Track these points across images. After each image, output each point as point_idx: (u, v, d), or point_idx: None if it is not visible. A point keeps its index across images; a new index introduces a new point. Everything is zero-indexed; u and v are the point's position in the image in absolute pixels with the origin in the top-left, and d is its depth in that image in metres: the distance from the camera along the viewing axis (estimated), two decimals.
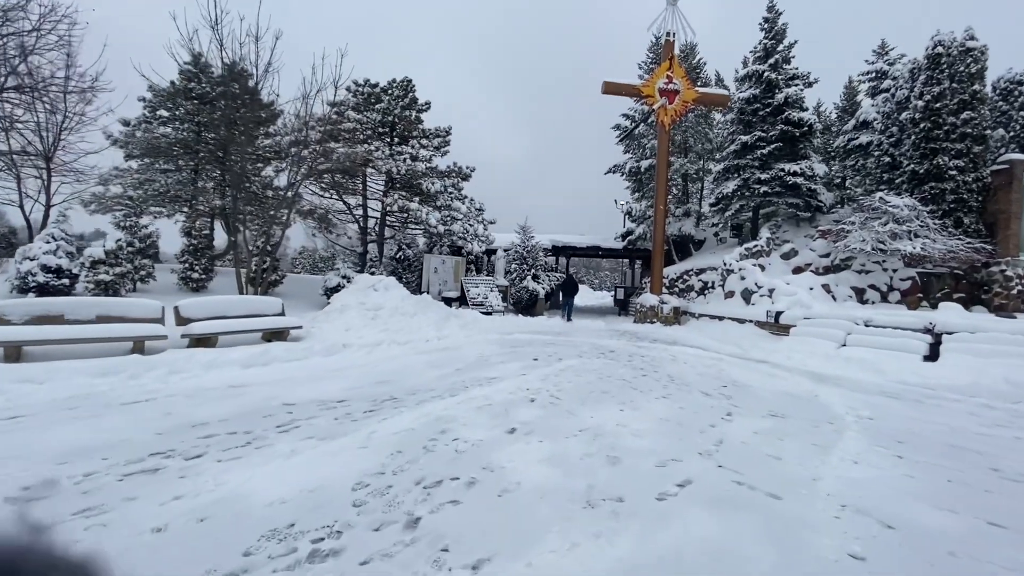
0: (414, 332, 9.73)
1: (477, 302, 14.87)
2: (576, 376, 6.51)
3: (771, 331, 11.12)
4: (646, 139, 21.33)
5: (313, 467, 3.10)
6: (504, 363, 7.39)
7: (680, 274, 18.43)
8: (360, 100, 18.13)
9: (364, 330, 8.80)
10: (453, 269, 16.44)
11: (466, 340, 10.01)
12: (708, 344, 10.72)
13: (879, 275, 13.39)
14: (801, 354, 8.70)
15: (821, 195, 16.06)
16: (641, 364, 7.80)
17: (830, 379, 7.19)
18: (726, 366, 7.96)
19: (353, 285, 10.25)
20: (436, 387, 5.54)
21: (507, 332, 11.57)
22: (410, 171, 15.26)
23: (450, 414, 4.38)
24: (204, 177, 17.84)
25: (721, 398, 5.60)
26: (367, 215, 19.00)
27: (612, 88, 15.95)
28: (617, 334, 12.60)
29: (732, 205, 17.20)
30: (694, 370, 7.43)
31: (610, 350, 9.38)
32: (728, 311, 12.98)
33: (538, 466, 3.23)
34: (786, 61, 17.19)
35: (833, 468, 3.45)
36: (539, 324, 14.13)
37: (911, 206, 12.82)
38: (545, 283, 18.64)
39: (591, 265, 72.91)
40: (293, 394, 4.95)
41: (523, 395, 5.26)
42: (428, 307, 11.45)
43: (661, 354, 9.07)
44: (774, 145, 16.03)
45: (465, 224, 16.40)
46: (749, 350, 9.73)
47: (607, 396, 5.40)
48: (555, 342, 10.32)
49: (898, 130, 15.40)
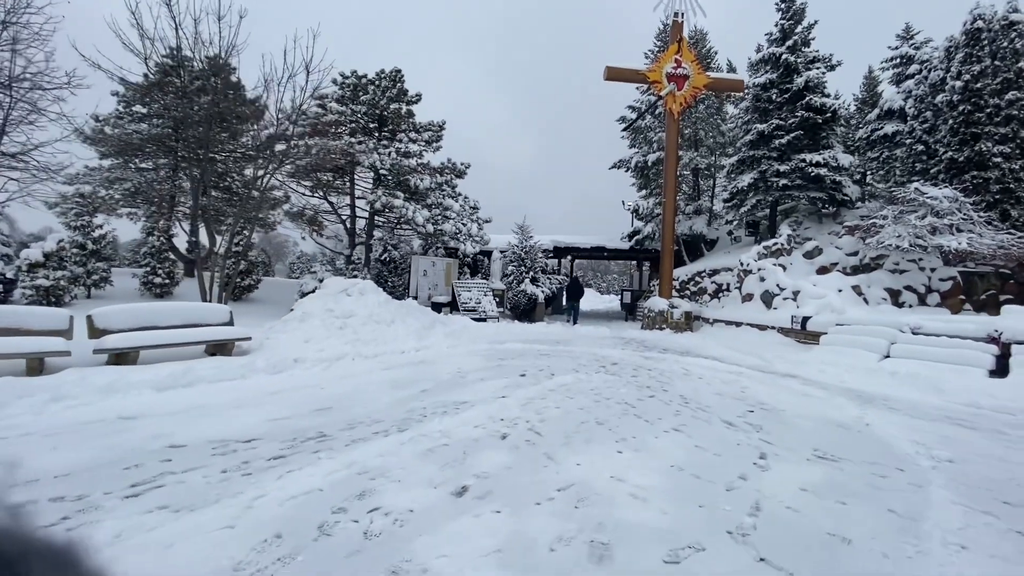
0: (389, 343, 8.65)
1: (469, 307, 13.78)
2: (567, 398, 5.39)
3: (797, 339, 9.92)
4: (653, 132, 20.19)
5: (131, 567, 2.02)
6: (484, 381, 6.28)
7: (692, 276, 17.23)
8: (347, 92, 17.18)
9: (328, 341, 7.74)
10: (444, 272, 15.37)
11: (449, 351, 8.91)
12: (725, 354, 9.54)
13: (915, 275, 12.14)
14: (836, 367, 7.51)
15: (846, 188, 14.84)
16: (648, 380, 6.66)
17: (878, 400, 6.00)
18: (749, 382, 6.80)
19: (322, 290, 9.21)
20: (386, 417, 4.45)
21: (499, 341, 10.47)
22: (396, 165, 14.22)
23: (384, 464, 3.28)
24: (183, 176, 17.00)
25: (749, 429, 4.45)
26: (355, 215, 18.02)
27: (615, 74, 14.85)
28: (622, 342, 11.45)
29: (748, 200, 16.00)
30: (711, 388, 6.27)
31: (612, 362, 8.25)
32: (746, 316, 11.78)
33: (483, 568, 2.12)
34: (805, 44, 16.02)
35: (937, 562, 2.30)
36: (537, 331, 13.01)
37: (952, 197, 11.58)
38: (545, 286, 17.52)
39: (599, 268, 71.61)
40: (192, 430, 3.87)
41: (494, 428, 4.15)
42: (409, 314, 10.38)
43: (671, 367, 7.92)
44: (794, 134, 14.84)
45: (458, 223, 15.34)
46: (773, 362, 8.55)
47: (602, 429, 4.28)
48: (551, 353, 9.20)
49: (932, 115, 14.15)
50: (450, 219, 15.70)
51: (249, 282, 13.19)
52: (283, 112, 12.72)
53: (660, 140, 19.50)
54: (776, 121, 15.20)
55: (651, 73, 14.84)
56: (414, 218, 13.85)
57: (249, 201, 12.17)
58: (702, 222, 19.73)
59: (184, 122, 13.94)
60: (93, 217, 11.77)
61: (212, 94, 14.47)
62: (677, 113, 14.87)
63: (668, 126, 15.07)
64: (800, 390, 6.43)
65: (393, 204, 13.86)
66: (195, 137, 14.33)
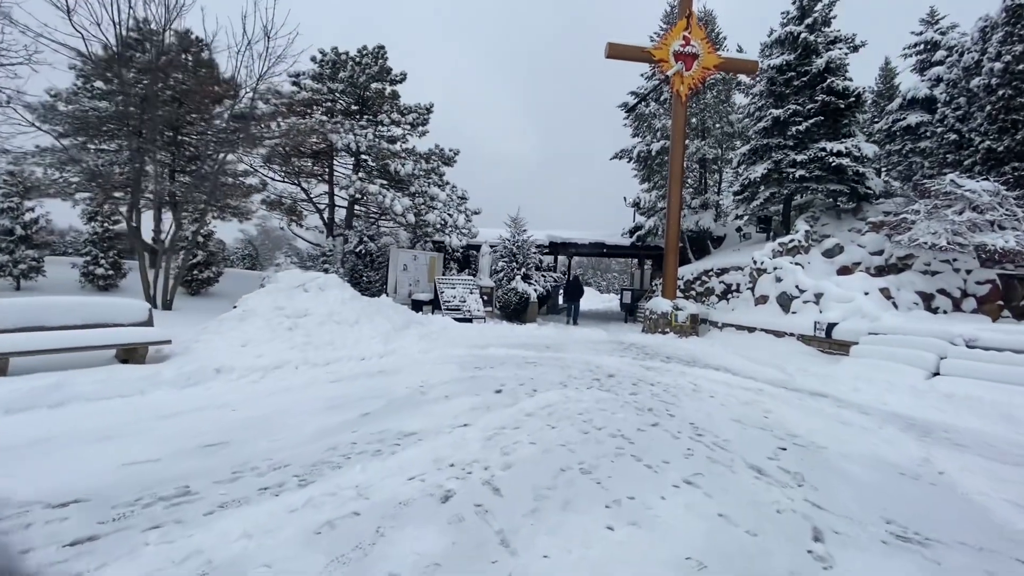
0: (349, 347, 7.51)
1: (452, 306, 12.63)
2: (548, 428, 4.26)
3: (820, 348, 8.79)
4: (656, 119, 19.00)
5: None
6: (448, 399, 5.15)
7: (698, 275, 16.09)
8: (326, 70, 15.99)
9: (270, 345, 6.59)
10: (427, 266, 14.22)
11: (419, 358, 7.77)
12: (738, 365, 8.41)
13: (949, 277, 11.03)
14: (874, 385, 6.39)
15: (870, 180, 13.68)
16: (650, 400, 5.53)
17: (936, 431, 4.88)
18: (771, 403, 5.67)
19: (272, 284, 8.05)
20: (294, 459, 3.31)
21: (481, 345, 9.33)
22: (374, 148, 13.04)
23: (242, 554, 2.14)
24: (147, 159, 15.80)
25: (787, 481, 3.33)
26: (334, 204, 16.85)
27: (618, 51, 13.67)
28: (620, 348, 10.33)
29: (760, 193, 14.84)
30: (728, 412, 5.15)
31: (608, 374, 7.12)
32: (760, 320, 10.66)
33: None
34: (826, 23, 14.84)
35: None
36: (527, 334, 11.88)
37: (992, 191, 10.46)
38: (539, 284, 16.38)
39: (599, 266, 70.44)
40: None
41: (436, 482, 3.01)
42: (379, 313, 9.24)
43: (678, 380, 6.79)
44: (812, 120, 13.68)
45: (443, 214, 14.18)
46: (796, 376, 7.42)
47: (588, 481, 3.14)
48: (538, 360, 8.07)
49: (966, 101, 13.00)
50: (435, 209, 14.53)
51: (208, 275, 12.04)
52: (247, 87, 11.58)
53: (664, 128, 18.34)
54: (793, 106, 14.04)
55: (657, 51, 13.67)
56: (392, 207, 12.68)
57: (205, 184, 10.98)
58: (709, 217, 18.57)
59: (149, 100, 12.76)
60: (25, 199, 10.58)
61: (182, 71, 13.32)
62: (685, 96, 13.71)
63: (675, 110, 13.90)
64: (836, 415, 5.31)
65: (368, 190, 12.69)
66: (162, 117, 13.21)
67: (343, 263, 13.42)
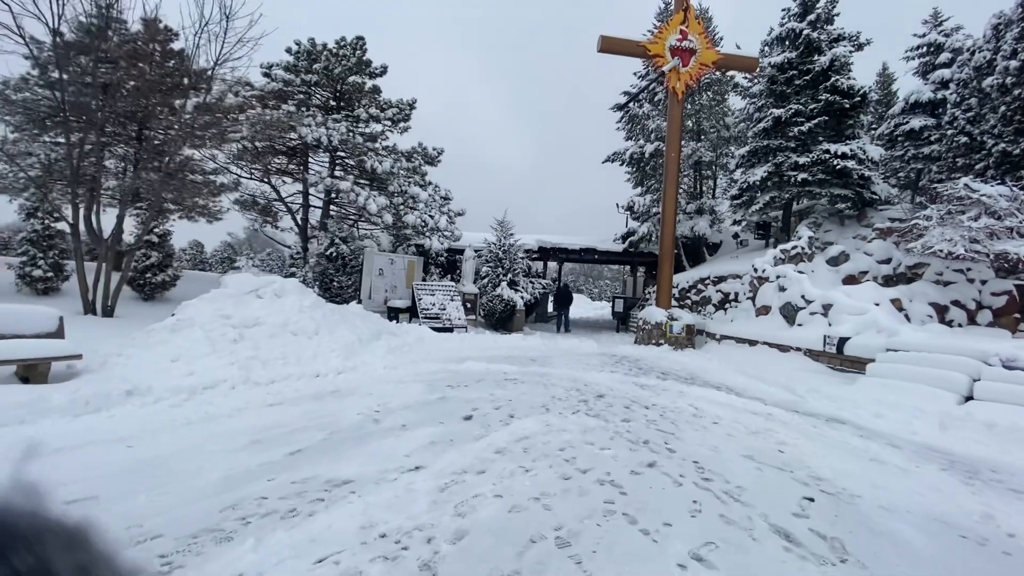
0: (303, 363, 6.68)
1: (431, 314, 11.81)
2: (519, 473, 3.47)
3: (831, 365, 8.10)
4: (650, 120, 18.39)
5: None
6: (404, 430, 4.35)
7: (693, 283, 15.43)
8: (301, 62, 15.20)
9: (206, 361, 5.74)
10: (406, 271, 13.39)
11: (383, 375, 6.95)
12: (741, 383, 7.69)
13: (963, 288, 10.43)
14: (899, 411, 5.68)
15: (875, 185, 13.13)
16: (646, 430, 4.76)
17: (982, 470, 4.17)
18: (784, 432, 4.94)
19: (219, 290, 7.20)
20: (172, 527, 2.49)
21: (458, 359, 8.53)
22: (346, 142, 12.23)
23: None
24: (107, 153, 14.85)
25: (824, 553, 2.57)
26: (308, 204, 16.00)
27: (611, 45, 13.04)
28: (612, 362, 9.58)
29: (760, 197, 14.23)
30: (736, 446, 4.39)
31: (598, 394, 6.36)
32: (762, 333, 9.97)
33: None
34: (828, 21, 14.34)
35: None
36: (511, 345, 11.09)
37: (1010, 196, 9.87)
38: (526, 291, 15.62)
39: (591, 273, 69.85)
40: None
41: (353, 567, 2.21)
42: (344, 322, 8.41)
43: (676, 402, 6.04)
44: (816, 120, 13.11)
45: (424, 215, 13.39)
46: (807, 397, 6.71)
47: (567, 563, 2.36)
48: (520, 377, 7.28)
49: (977, 103, 12.50)
50: (416, 210, 13.74)
51: (164, 278, 11.13)
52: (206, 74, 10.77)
53: (659, 129, 17.74)
54: (795, 106, 13.47)
55: (652, 45, 13.06)
56: (366, 205, 11.86)
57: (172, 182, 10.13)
58: (704, 223, 17.94)
59: (110, 91, 11.88)
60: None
61: (148, 62, 12.50)
62: (681, 93, 13.09)
63: (670, 108, 13.28)
64: (862, 449, 4.58)
65: (339, 187, 11.87)
66: (125, 109, 12.38)
67: (312, 267, 12.53)
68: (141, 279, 11.00)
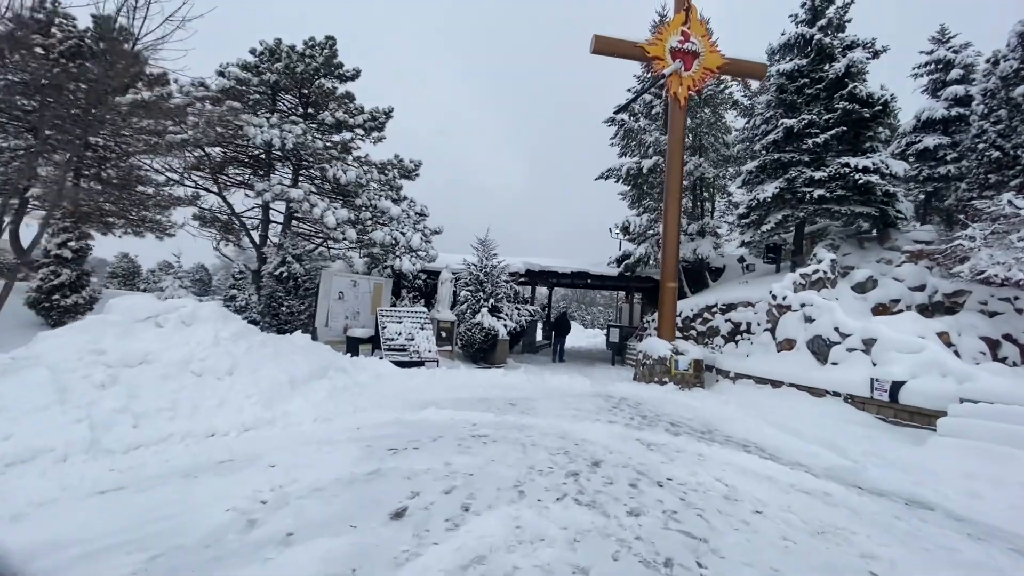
0: (198, 415, 5.09)
1: (396, 346, 10.22)
2: None
3: (881, 416, 6.63)
4: (648, 133, 17.32)
5: None
6: (286, 549, 2.78)
7: (699, 311, 14.04)
8: (263, 62, 13.94)
9: (41, 416, 4.14)
10: (371, 295, 11.86)
11: (309, 433, 5.36)
12: (773, 441, 6.19)
13: (1012, 319, 9.16)
14: (1002, 489, 4.22)
15: (899, 203, 11.96)
16: (663, 535, 3.24)
17: None
18: (861, 529, 3.44)
19: (100, 316, 5.63)
20: None
21: (417, 406, 6.95)
22: (302, 146, 10.84)
23: None
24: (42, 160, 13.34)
25: None
26: (268, 219, 14.51)
27: (606, 46, 11.93)
28: (609, 406, 8.06)
29: (772, 216, 13.01)
30: (802, 562, 2.88)
31: (594, 460, 4.84)
32: (788, 372, 8.53)
33: None
34: (840, 28, 13.44)
35: None
36: (489, 383, 9.53)
37: None
38: (510, 319, 14.13)
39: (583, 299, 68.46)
40: None
41: None
42: (277, 357, 6.84)
43: (697, 474, 4.52)
44: (832, 132, 12.01)
45: (394, 232, 11.95)
46: (864, 462, 5.21)
47: None
48: (493, 432, 5.74)
49: (1007, 114, 11.49)
50: (386, 226, 12.29)
51: (77, 300, 9.51)
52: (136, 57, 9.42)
53: (656, 143, 16.65)
54: (808, 116, 12.39)
55: (651, 47, 11.97)
56: (323, 218, 10.39)
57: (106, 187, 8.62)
58: (708, 245, 16.68)
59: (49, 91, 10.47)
60: None
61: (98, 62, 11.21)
62: (684, 99, 11.95)
63: (672, 115, 12.12)
64: (985, 562, 3.08)
65: (290, 196, 10.42)
66: (68, 113, 11.01)
67: (258, 289, 10.95)
68: (47, 301, 9.37)
